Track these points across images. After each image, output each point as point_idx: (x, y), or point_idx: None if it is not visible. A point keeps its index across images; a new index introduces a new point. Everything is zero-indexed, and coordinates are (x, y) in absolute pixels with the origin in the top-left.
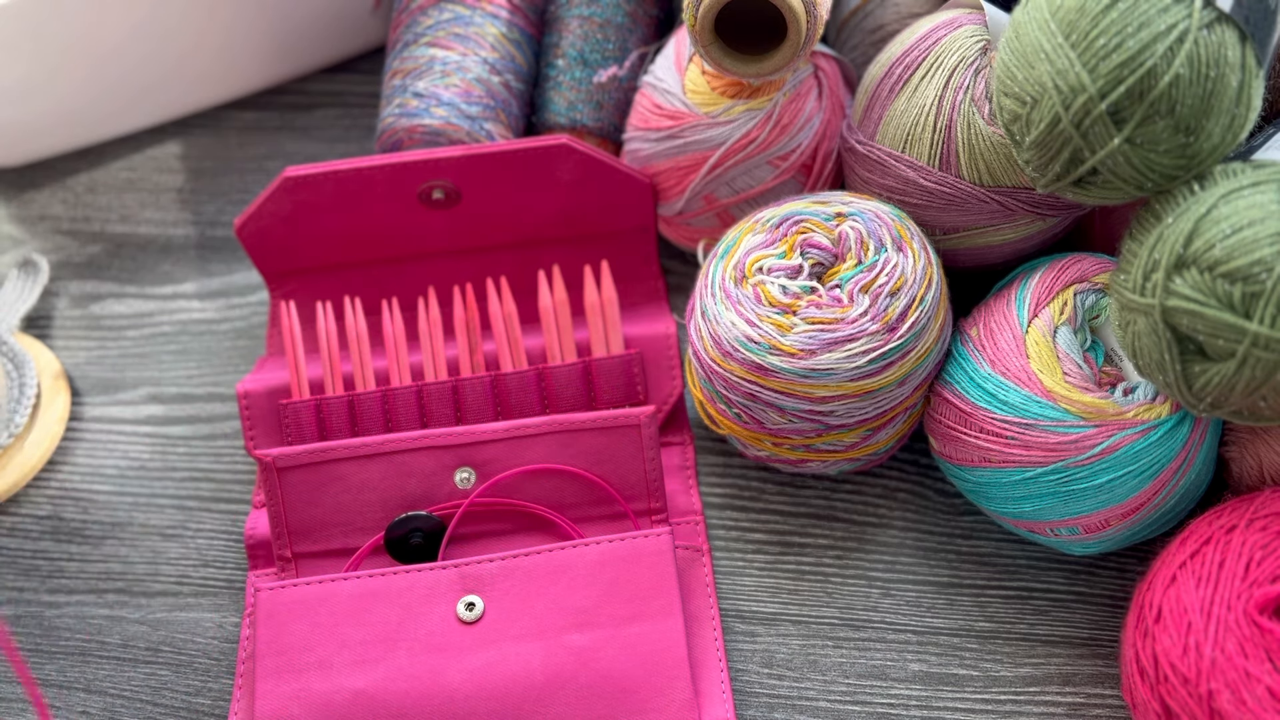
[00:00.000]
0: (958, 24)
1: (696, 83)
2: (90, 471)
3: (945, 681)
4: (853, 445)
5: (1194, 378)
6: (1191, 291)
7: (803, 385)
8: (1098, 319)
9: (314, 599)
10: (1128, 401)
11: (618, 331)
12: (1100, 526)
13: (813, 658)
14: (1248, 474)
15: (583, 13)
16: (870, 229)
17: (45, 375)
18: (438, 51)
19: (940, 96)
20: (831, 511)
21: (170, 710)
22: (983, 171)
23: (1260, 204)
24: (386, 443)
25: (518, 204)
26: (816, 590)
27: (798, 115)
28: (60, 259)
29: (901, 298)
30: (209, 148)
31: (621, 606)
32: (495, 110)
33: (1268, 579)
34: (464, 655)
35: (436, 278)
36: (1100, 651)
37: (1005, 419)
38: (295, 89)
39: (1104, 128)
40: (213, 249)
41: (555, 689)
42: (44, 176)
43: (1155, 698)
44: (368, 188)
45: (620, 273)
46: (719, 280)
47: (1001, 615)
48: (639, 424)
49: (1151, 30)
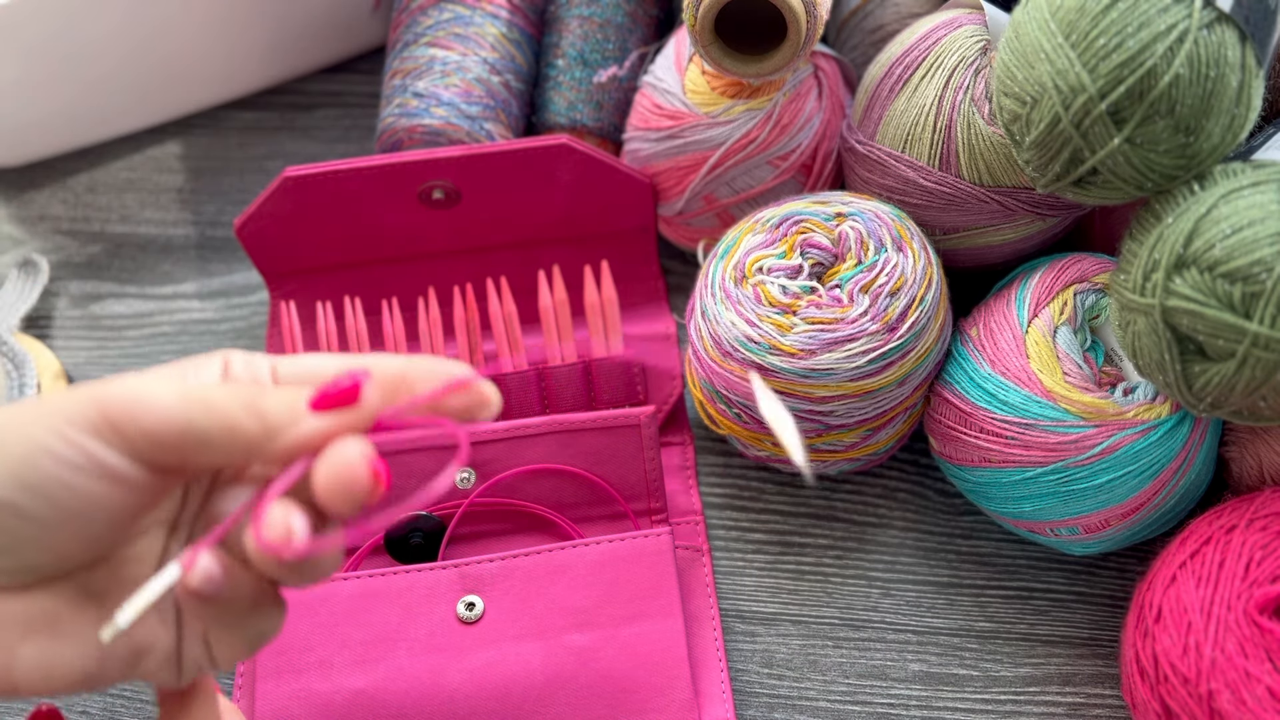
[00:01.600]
0: (958, 24)
1: (696, 83)
2: None
3: (945, 681)
4: (853, 445)
5: (1194, 378)
6: (1191, 291)
7: (803, 385)
8: (1098, 319)
9: (314, 599)
10: (1128, 401)
11: (618, 331)
12: (1100, 526)
13: (813, 658)
14: (1248, 474)
15: (583, 13)
16: (870, 229)
17: (45, 375)
18: (438, 51)
19: (940, 96)
20: (831, 511)
21: None
22: (983, 171)
23: (1260, 204)
24: (386, 443)
25: (518, 204)
26: (816, 590)
27: (798, 115)
28: (60, 259)
29: (901, 298)
30: (209, 148)
31: (621, 607)
32: (495, 110)
33: (1268, 579)
34: (464, 655)
35: (436, 278)
36: (1100, 651)
37: (1005, 419)
38: (295, 89)
39: (1104, 128)
40: (213, 249)
41: (555, 689)
42: (44, 176)
43: (1155, 698)
44: (368, 188)
45: (620, 273)
46: (719, 280)
47: (1001, 615)
48: (639, 424)
49: (1151, 30)
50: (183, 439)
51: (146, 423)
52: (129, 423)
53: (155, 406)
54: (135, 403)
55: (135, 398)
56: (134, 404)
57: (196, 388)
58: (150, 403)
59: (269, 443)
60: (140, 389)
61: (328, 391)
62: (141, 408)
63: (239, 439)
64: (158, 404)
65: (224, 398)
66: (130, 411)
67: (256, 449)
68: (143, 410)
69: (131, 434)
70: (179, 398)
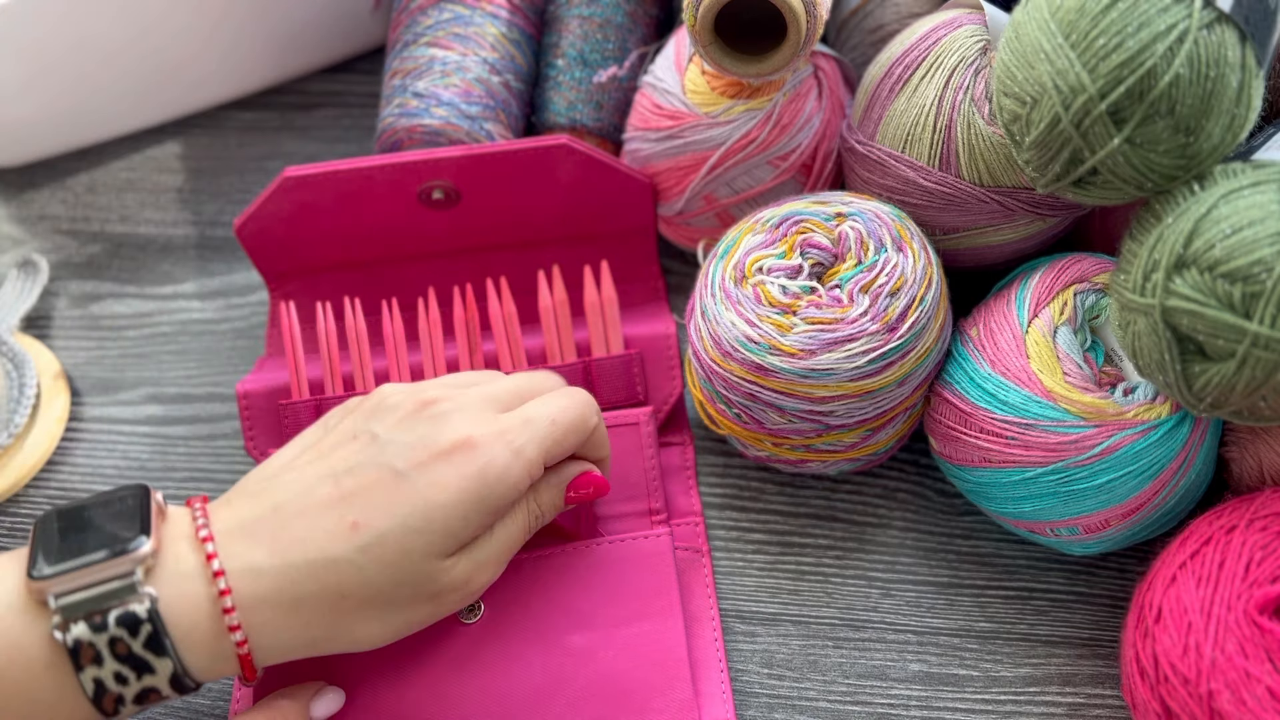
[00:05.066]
0: (958, 24)
1: (696, 83)
2: (90, 472)
3: (945, 681)
4: (853, 445)
5: (1194, 378)
6: (1191, 291)
7: (803, 385)
8: (1098, 319)
9: None
10: (1128, 401)
11: (618, 331)
12: (1100, 526)
13: (813, 658)
14: (1248, 474)
15: (583, 13)
16: (870, 229)
17: (45, 375)
18: (438, 51)
19: (940, 96)
20: (831, 511)
21: (170, 710)
22: (983, 171)
23: (1260, 204)
24: None
25: (518, 204)
26: (816, 590)
27: (798, 115)
28: (60, 259)
29: (901, 298)
30: (209, 148)
31: (621, 607)
32: (495, 110)
33: (1268, 579)
34: (464, 656)
35: (436, 278)
36: (1100, 651)
37: (1005, 419)
38: (295, 89)
39: (1104, 128)
40: (213, 249)
41: (555, 690)
42: (44, 176)
43: (1155, 698)
44: (368, 188)
45: (620, 273)
46: (719, 280)
47: (1001, 615)
48: (638, 423)
49: (1151, 30)
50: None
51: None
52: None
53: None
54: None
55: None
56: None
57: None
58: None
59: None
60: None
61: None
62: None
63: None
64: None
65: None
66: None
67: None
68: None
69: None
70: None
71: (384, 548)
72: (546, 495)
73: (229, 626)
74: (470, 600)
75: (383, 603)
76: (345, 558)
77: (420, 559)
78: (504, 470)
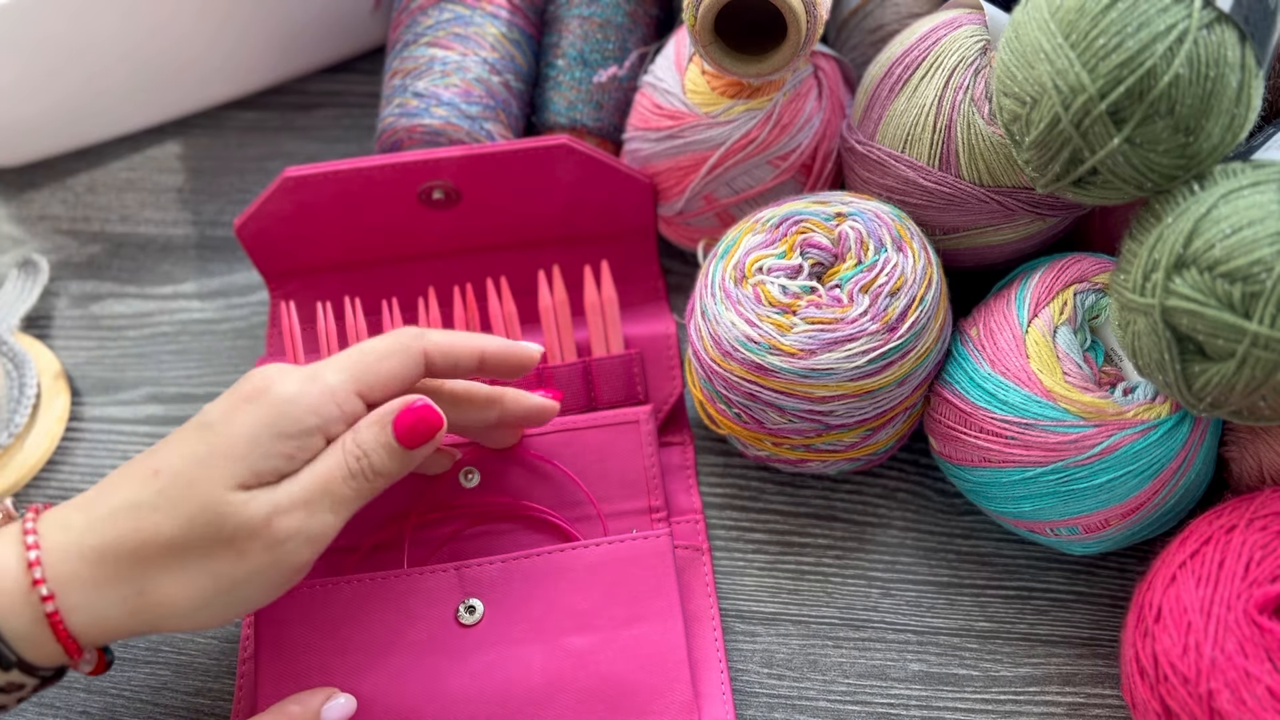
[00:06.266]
0: (958, 24)
1: (696, 83)
2: (90, 471)
3: (945, 681)
4: (853, 445)
5: (1194, 378)
6: (1191, 291)
7: (803, 385)
8: (1098, 319)
9: (314, 601)
10: (1128, 401)
11: (618, 331)
12: (1100, 526)
13: (813, 658)
14: (1248, 474)
15: (583, 13)
16: (870, 229)
17: (45, 375)
18: (438, 51)
19: (940, 96)
20: (831, 511)
21: (170, 710)
22: (983, 171)
23: (1260, 204)
24: None
25: (518, 204)
26: (816, 590)
27: (798, 115)
28: (60, 259)
29: (901, 298)
30: (209, 148)
31: (621, 608)
32: (495, 110)
33: (1268, 579)
34: (464, 658)
35: (436, 278)
36: (1100, 651)
37: (1005, 419)
38: (295, 89)
39: (1104, 128)
40: (213, 249)
41: (555, 691)
42: (44, 176)
43: (1155, 698)
44: (368, 188)
45: (620, 273)
46: (719, 280)
47: (1001, 615)
48: (638, 422)
49: (1151, 30)
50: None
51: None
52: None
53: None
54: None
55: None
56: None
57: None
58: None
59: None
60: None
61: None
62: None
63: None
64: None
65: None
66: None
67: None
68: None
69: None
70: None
71: (175, 484)
72: (367, 433)
73: (34, 580)
74: (282, 558)
75: (180, 550)
76: (144, 500)
77: (208, 488)
78: (297, 393)
